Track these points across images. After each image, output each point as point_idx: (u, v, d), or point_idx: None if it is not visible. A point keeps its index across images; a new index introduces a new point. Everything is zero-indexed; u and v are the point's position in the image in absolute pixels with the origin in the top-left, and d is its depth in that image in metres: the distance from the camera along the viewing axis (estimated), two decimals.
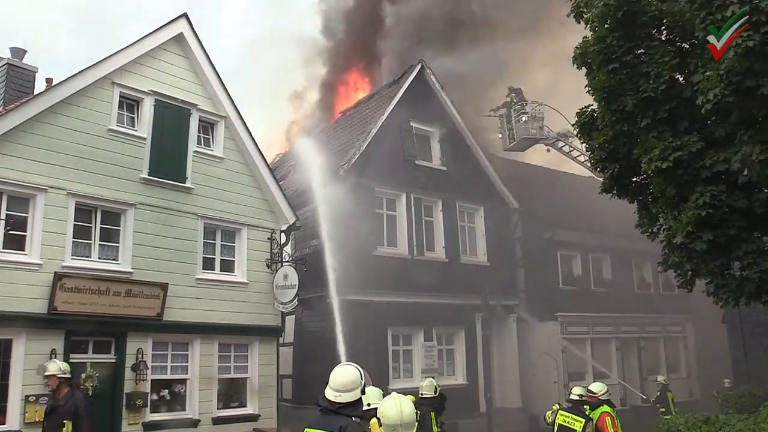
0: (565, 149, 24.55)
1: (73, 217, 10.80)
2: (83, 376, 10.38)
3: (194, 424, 11.74)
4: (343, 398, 3.94)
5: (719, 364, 19.96)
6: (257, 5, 56.94)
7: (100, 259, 11.14)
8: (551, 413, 8.48)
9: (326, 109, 25.32)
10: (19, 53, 12.78)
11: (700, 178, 8.36)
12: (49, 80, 11.88)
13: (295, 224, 14.20)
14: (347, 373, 4.03)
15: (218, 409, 12.24)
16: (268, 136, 43.72)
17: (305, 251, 15.73)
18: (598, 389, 8.40)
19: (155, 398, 11.45)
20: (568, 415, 7.95)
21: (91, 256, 11.04)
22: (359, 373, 4.05)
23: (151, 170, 11.87)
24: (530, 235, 20.51)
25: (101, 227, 11.26)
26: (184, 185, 12.34)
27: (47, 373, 7.57)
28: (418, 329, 16.91)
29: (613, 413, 8.24)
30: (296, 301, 12.92)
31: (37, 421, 9.06)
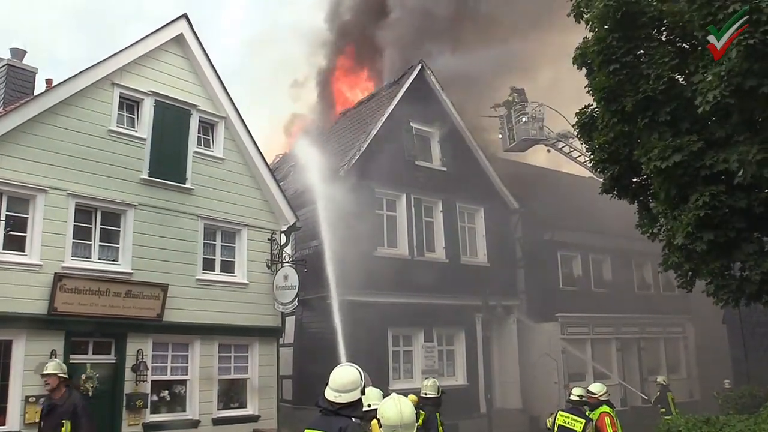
0: (565, 150, 24.58)
1: (73, 217, 10.80)
2: (83, 376, 10.37)
3: (194, 424, 11.74)
4: (343, 399, 3.93)
5: (719, 364, 19.97)
6: (258, 4, 56.93)
7: (100, 259, 11.14)
8: (551, 419, 8.47)
9: (327, 100, 25.16)
10: (19, 54, 12.76)
11: (700, 178, 8.35)
12: (49, 81, 11.88)
13: (295, 225, 14.20)
14: (347, 373, 4.02)
15: (218, 409, 12.25)
16: (268, 136, 43.74)
17: (305, 252, 15.74)
18: (597, 390, 8.44)
19: (155, 399, 11.46)
20: (568, 415, 7.96)
21: (91, 256, 11.05)
22: (359, 373, 4.04)
23: (151, 171, 11.87)
24: (530, 235, 20.51)
25: (101, 228, 11.26)
26: (184, 186, 12.34)
27: (47, 371, 7.49)
28: (418, 330, 16.92)
29: (612, 413, 8.27)
30: (296, 301, 12.94)
31: (37, 422, 9.01)
